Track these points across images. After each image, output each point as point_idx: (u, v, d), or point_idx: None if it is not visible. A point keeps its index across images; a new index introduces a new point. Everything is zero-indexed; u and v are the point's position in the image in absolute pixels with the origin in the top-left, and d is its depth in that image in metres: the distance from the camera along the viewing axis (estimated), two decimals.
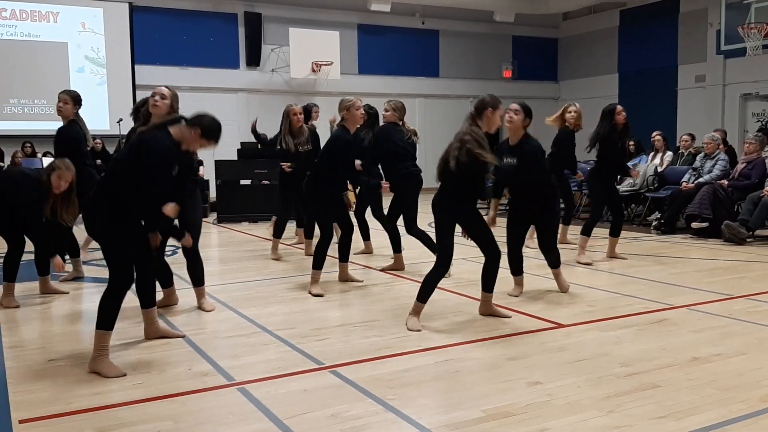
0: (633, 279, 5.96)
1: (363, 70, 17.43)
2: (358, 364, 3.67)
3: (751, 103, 15.46)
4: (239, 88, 16.00)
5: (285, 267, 6.80)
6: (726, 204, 8.35)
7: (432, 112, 18.10)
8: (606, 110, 6.72)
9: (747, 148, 8.79)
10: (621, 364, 3.62)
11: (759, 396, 3.15)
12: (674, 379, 3.39)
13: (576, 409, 3.03)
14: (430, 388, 3.36)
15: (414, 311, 4.45)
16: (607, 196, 6.91)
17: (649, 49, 17.17)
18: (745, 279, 5.92)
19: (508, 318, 4.62)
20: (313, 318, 4.74)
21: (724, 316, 4.60)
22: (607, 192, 6.89)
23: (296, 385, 3.37)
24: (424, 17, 18.14)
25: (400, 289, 5.70)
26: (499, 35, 19.16)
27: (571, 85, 19.36)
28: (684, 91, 16.55)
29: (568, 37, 19.75)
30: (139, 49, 14.98)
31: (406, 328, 4.35)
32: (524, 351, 3.89)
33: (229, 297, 5.38)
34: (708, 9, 15.24)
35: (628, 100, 16.92)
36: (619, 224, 6.95)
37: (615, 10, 18.03)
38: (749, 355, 3.76)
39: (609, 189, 6.89)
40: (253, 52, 16.24)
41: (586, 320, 4.55)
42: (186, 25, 15.61)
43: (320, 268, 5.47)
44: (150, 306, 4.19)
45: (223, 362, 3.73)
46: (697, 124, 14.69)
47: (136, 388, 3.36)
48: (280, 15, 16.45)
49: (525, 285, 5.38)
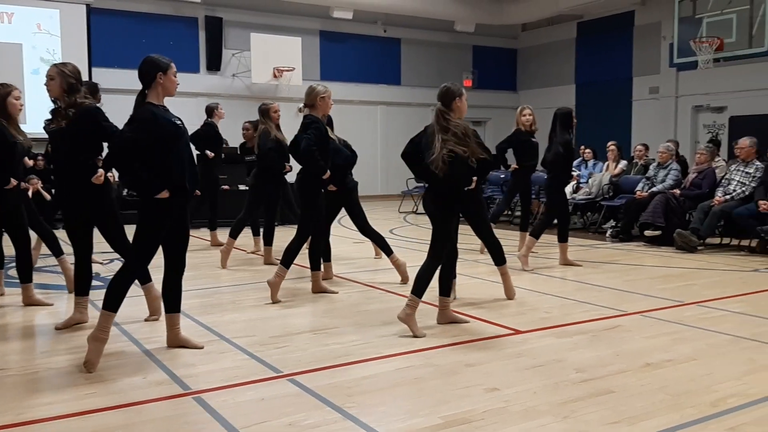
0: (589, 286, 6.07)
1: (325, 76, 17.39)
2: (317, 372, 3.66)
3: (702, 114, 15.90)
4: (199, 92, 15.79)
5: (245, 275, 6.74)
6: (678, 213, 8.57)
7: (393, 120, 18.17)
8: (562, 114, 6.87)
9: (698, 158, 9.05)
10: (576, 370, 3.68)
11: (709, 401, 3.23)
12: (627, 384, 3.46)
13: (532, 414, 3.07)
14: (390, 395, 3.36)
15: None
16: (564, 202, 7.15)
17: (605, 60, 17.54)
18: (696, 286, 6.08)
19: (467, 323, 4.66)
20: (273, 325, 4.70)
21: (675, 323, 4.71)
22: (564, 198, 7.12)
23: (253, 394, 3.34)
24: (386, 25, 18.21)
25: (359, 296, 5.69)
26: (460, 45, 19.36)
27: (530, 95, 19.63)
28: (638, 102, 16.94)
29: (527, 48, 20.05)
30: (97, 52, 14.69)
31: (413, 335, 4.34)
32: (482, 357, 3.93)
33: (186, 305, 5.28)
34: (662, 22, 15.63)
35: (585, 110, 17.28)
36: (567, 229, 7.18)
37: (572, 22, 18.38)
38: (700, 361, 3.86)
39: (564, 195, 7.13)
40: (214, 56, 16.08)
41: (542, 327, 4.62)
42: (145, 28, 15.37)
43: (320, 267, 5.71)
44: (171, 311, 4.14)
45: (179, 371, 3.68)
46: (650, 134, 15.04)
47: (89, 398, 3.28)
48: (242, 20, 16.33)
49: (482, 292, 5.44)
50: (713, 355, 3.97)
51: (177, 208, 3.90)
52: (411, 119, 17.24)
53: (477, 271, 6.76)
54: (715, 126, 15.62)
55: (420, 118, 15.16)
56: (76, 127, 4.34)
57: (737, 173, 8.32)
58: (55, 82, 4.40)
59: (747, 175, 8.21)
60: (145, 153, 3.80)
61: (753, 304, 5.34)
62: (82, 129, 4.35)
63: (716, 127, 15.56)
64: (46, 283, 6.10)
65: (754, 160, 8.32)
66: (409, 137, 4.68)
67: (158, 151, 3.81)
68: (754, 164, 8.27)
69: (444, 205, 4.44)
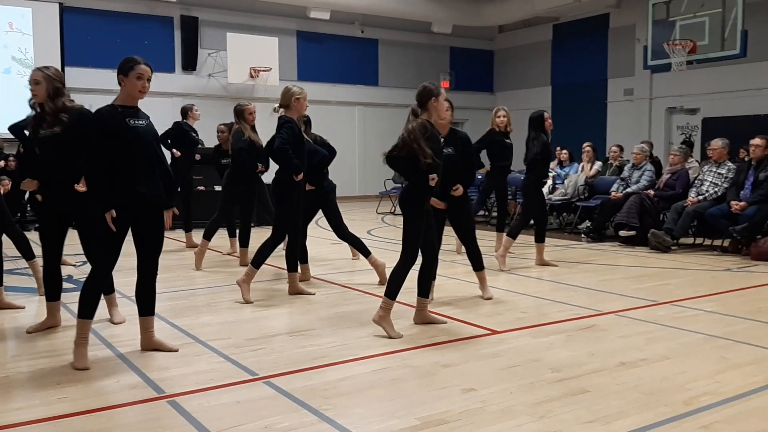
0: (564, 286, 6.11)
1: (302, 76, 17.34)
2: (294, 375, 3.63)
3: (675, 116, 16.12)
4: (174, 92, 15.65)
5: (220, 276, 6.68)
6: (652, 213, 8.67)
7: (371, 121, 18.16)
8: (532, 118, 6.94)
9: (672, 159, 9.17)
10: (552, 369, 3.70)
11: (682, 399, 3.27)
12: (602, 384, 3.49)
13: (509, 415, 3.07)
14: (366, 397, 3.35)
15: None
16: (542, 202, 7.21)
17: (581, 62, 17.71)
18: (670, 285, 6.15)
19: (444, 323, 4.67)
20: (248, 328, 4.67)
21: (649, 322, 4.76)
22: (541, 198, 7.17)
23: (229, 397, 3.31)
24: (363, 26, 18.20)
25: (336, 297, 5.68)
26: (438, 46, 19.41)
27: (507, 96, 19.75)
28: (613, 103, 17.12)
29: (504, 50, 20.17)
30: (70, 51, 14.48)
31: (388, 337, 4.33)
32: (459, 358, 3.93)
33: (160, 307, 5.22)
34: (636, 25, 15.81)
35: (561, 111, 17.43)
36: (544, 229, 7.24)
37: (548, 24, 18.53)
38: (673, 360, 3.90)
39: (541, 195, 7.17)
40: (190, 56, 15.93)
41: (519, 327, 4.64)
42: (119, 27, 15.19)
43: (297, 269, 5.68)
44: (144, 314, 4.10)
45: (153, 374, 3.63)
46: (625, 135, 15.19)
47: (61, 402, 3.23)
48: (218, 19, 16.22)
49: (459, 292, 5.45)
50: (686, 354, 4.01)
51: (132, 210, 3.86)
52: (389, 120, 17.26)
53: (454, 271, 6.78)
54: (688, 127, 15.84)
55: (398, 118, 15.11)
56: (74, 132, 4.19)
57: (710, 174, 8.44)
58: (41, 87, 4.26)
59: (719, 175, 8.33)
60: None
61: (725, 303, 5.42)
62: (80, 134, 4.18)
63: (689, 129, 15.79)
64: (17, 286, 5.99)
65: (726, 161, 8.44)
66: (387, 138, 4.69)
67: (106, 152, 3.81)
68: (726, 165, 8.40)
69: (407, 203, 4.45)
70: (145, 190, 3.86)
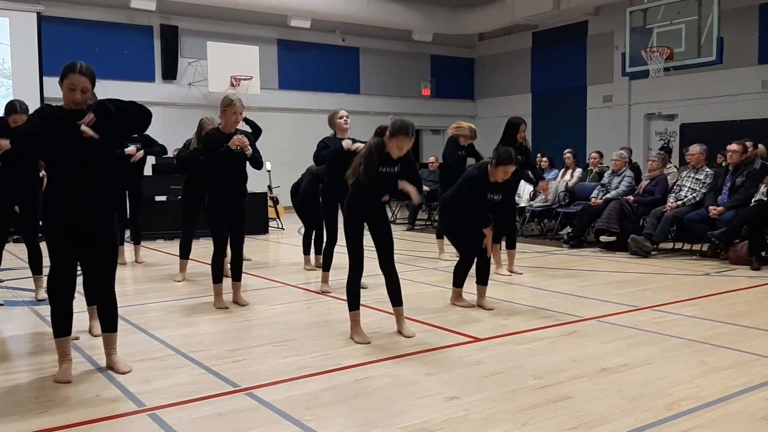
0: (546, 292, 6.14)
1: (283, 85, 17.34)
2: (275, 385, 3.61)
3: (654, 122, 16.31)
4: (155, 101, 15.54)
5: (201, 288, 6.63)
6: (632, 218, 8.75)
7: (352, 129, 18.08)
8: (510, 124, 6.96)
9: (650, 165, 9.27)
10: (534, 376, 3.72)
11: (663, 404, 3.29)
12: (584, 390, 3.50)
13: (492, 423, 3.08)
14: (349, 407, 3.33)
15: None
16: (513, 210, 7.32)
17: (560, 69, 17.87)
18: (650, 291, 6.20)
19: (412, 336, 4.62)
20: (230, 339, 4.63)
21: (630, 327, 4.79)
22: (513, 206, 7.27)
23: (210, 409, 3.28)
24: (344, 34, 18.24)
25: (319, 307, 5.66)
26: (418, 54, 19.50)
27: (487, 103, 19.89)
28: (593, 110, 17.29)
29: (484, 57, 20.30)
30: (48, 61, 14.33)
31: (354, 342, 4.39)
32: (442, 366, 3.93)
33: (140, 318, 5.19)
34: (614, 32, 15.99)
35: (541, 118, 17.57)
36: (515, 237, 7.33)
37: (528, 32, 18.69)
38: (654, 365, 3.93)
39: (514, 203, 7.30)
40: (170, 65, 15.87)
41: (501, 333, 4.65)
42: (99, 36, 15.09)
43: (221, 281, 5.57)
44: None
45: (133, 387, 3.59)
46: (604, 142, 15.35)
47: (39, 417, 3.18)
48: (198, 28, 16.17)
49: (440, 300, 5.45)
50: (666, 359, 4.04)
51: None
52: (370, 128, 17.18)
53: (436, 279, 6.78)
54: (666, 133, 16.03)
55: None
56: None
57: (688, 179, 8.54)
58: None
59: (697, 181, 8.43)
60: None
61: (704, 307, 5.47)
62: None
63: (668, 135, 15.98)
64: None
65: (704, 167, 8.55)
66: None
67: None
68: (704, 171, 8.50)
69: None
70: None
